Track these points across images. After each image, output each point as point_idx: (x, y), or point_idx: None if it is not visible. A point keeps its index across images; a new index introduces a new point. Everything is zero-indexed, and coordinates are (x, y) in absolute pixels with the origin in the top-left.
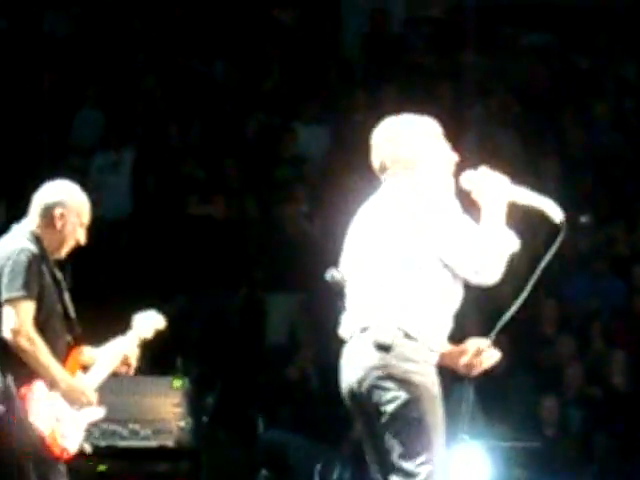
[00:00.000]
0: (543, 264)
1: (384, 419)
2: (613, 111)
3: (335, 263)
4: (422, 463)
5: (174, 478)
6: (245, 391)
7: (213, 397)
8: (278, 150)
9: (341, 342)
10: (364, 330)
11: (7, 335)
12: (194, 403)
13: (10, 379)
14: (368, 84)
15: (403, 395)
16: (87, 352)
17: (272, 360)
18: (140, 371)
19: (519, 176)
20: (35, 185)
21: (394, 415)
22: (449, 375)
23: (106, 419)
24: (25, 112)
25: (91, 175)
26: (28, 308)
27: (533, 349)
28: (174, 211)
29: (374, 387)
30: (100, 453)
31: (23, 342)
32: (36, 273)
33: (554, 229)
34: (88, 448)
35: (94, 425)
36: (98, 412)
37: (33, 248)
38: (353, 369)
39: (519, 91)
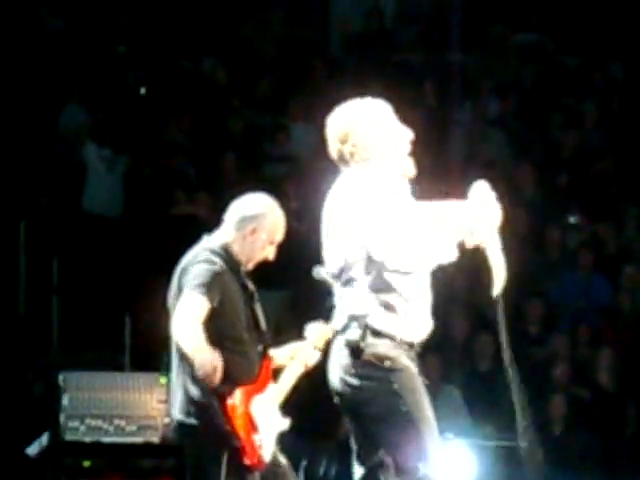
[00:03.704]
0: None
1: (367, 419)
2: (601, 110)
3: (321, 260)
4: (411, 461)
5: (159, 475)
6: None
7: None
8: (267, 148)
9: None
10: (340, 330)
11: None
12: None
13: (207, 392)
14: (355, 82)
15: (382, 393)
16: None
17: None
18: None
19: (506, 175)
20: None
21: (376, 414)
22: (437, 375)
23: (91, 415)
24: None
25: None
26: (202, 303)
27: (519, 348)
28: (160, 211)
29: (352, 387)
30: (85, 449)
31: (181, 326)
32: (218, 285)
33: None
34: (282, 461)
35: (81, 421)
36: (284, 423)
37: (218, 263)
38: (333, 369)
39: (507, 90)
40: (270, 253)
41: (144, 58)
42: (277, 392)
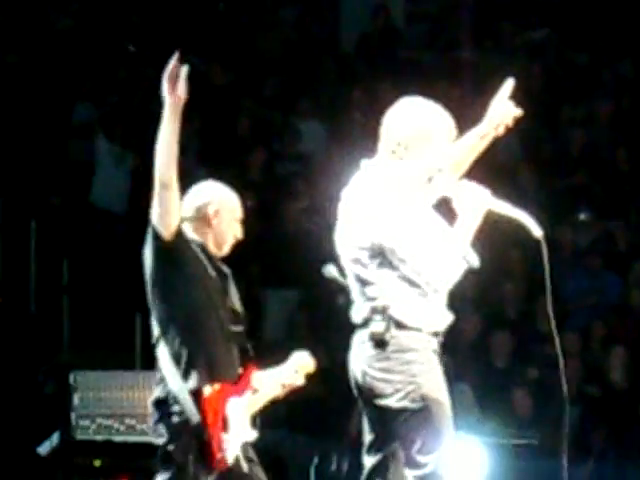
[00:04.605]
0: (547, 281)
1: (389, 411)
2: (611, 108)
3: (332, 259)
4: (430, 452)
5: None
6: None
7: None
8: (278, 146)
9: (339, 338)
10: (363, 322)
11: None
12: None
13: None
14: (365, 81)
15: (405, 387)
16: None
17: (270, 357)
18: None
19: (516, 173)
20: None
21: (398, 407)
22: (450, 372)
23: (102, 414)
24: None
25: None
26: None
27: (531, 346)
28: None
29: (375, 380)
30: (96, 448)
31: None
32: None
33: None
34: (245, 467)
35: (92, 420)
36: (252, 434)
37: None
38: (356, 362)
39: (517, 88)
40: (238, 231)
41: (153, 56)
42: (251, 403)
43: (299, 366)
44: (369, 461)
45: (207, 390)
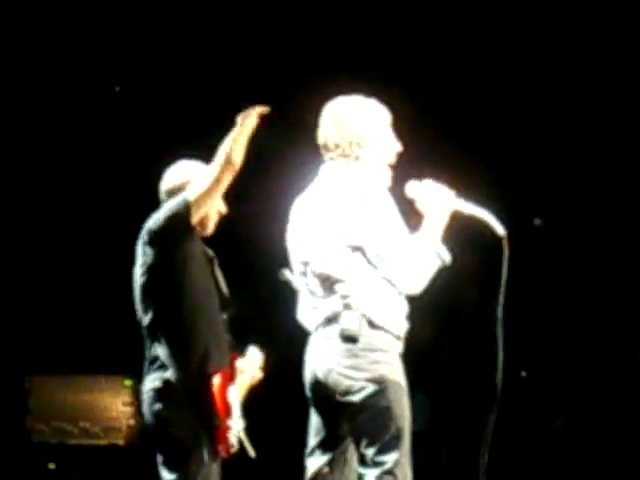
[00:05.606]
0: (502, 283)
1: (351, 409)
2: None
3: (286, 262)
4: (389, 452)
5: (123, 477)
6: None
7: None
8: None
9: (295, 340)
10: (329, 321)
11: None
12: None
13: (192, 370)
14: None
15: (371, 385)
16: None
17: None
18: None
19: (473, 174)
20: None
21: (362, 405)
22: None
23: (57, 417)
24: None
25: None
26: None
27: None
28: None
29: (342, 377)
30: (50, 451)
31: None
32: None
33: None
34: (252, 452)
35: (47, 424)
36: (242, 423)
37: None
38: (320, 360)
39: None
40: (221, 206)
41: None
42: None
43: (258, 360)
44: (313, 464)
45: (217, 378)
